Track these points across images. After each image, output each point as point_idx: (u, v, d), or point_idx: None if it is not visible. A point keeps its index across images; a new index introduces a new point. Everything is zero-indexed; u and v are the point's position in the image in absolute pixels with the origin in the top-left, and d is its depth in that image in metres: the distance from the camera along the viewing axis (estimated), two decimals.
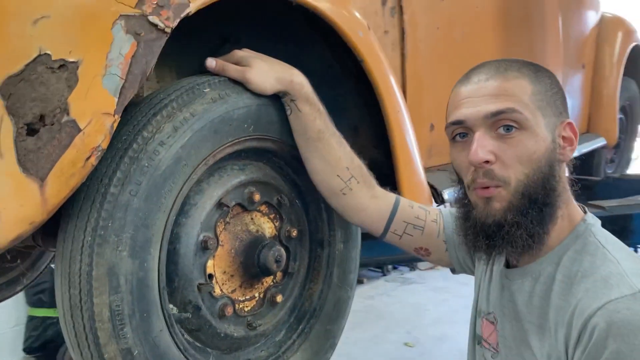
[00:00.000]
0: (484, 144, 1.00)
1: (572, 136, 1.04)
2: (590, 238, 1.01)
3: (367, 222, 1.31)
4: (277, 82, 1.18)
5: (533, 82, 1.02)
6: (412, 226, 1.30)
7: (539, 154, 1.00)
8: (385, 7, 1.72)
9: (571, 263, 1.00)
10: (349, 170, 1.26)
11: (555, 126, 1.02)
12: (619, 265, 0.94)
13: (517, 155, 0.99)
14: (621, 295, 0.89)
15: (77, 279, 0.97)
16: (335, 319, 1.45)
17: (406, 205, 1.31)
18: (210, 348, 1.21)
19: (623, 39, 3.31)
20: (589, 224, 1.04)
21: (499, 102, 1.00)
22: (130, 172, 0.99)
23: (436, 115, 1.91)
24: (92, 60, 0.91)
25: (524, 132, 0.99)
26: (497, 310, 1.13)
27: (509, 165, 1.00)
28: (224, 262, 1.21)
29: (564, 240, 1.02)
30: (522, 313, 1.06)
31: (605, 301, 0.90)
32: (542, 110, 1.01)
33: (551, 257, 1.02)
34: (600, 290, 0.92)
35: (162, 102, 1.05)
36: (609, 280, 0.93)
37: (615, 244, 1.02)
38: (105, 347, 0.99)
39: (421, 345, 4.13)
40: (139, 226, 1.00)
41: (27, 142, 0.90)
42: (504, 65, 1.04)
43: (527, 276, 1.05)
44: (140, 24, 0.94)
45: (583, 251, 1.00)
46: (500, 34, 2.26)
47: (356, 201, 1.28)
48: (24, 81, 0.90)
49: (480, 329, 1.18)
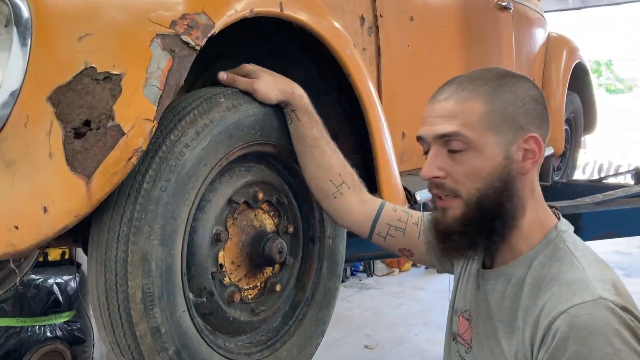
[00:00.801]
0: (434, 161, 1.09)
1: (535, 149, 1.07)
2: (561, 245, 1.07)
3: (354, 224, 1.41)
4: (280, 93, 1.33)
5: (487, 102, 1.06)
6: (394, 228, 1.38)
7: (488, 171, 1.06)
8: (364, 26, 1.89)
9: (541, 267, 1.05)
10: (341, 176, 1.38)
11: (513, 142, 1.06)
12: (584, 272, 1.00)
13: (465, 172, 1.06)
14: (583, 301, 0.94)
15: (113, 265, 1.09)
16: (326, 307, 1.59)
17: (390, 208, 1.40)
18: (219, 332, 1.34)
19: (568, 57, 3.50)
20: (561, 230, 1.09)
21: (447, 124, 1.06)
22: (161, 170, 1.11)
23: (407, 125, 2.08)
24: (134, 73, 1.03)
25: (471, 152, 1.06)
26: (472, 308, 1.19)
27: (458, 180, 1.07)
28: (233, 253, 1.34)
29: (536, 246, 1.08)
30: (494, 312, 1.11)
31: (569, 306, 0.95)
32: (494, 129, 1.05)
33: (523, 261, 1.08)
34: (564, 295, 0.97)
35: (185, 109, 1.18)
36: (573, 286, 0.98)
37: (584, 250, 1.07)
38: (137, 326, 1.10)
39: (381, 347, 4.24)
40: (167, 218, 1.13)
41: (75, 144, 1.01)
42: (464, 84, 1.09)
43: (500, 277, 1.11)
44: (175, 42, 1.07)
45: (553, 257, 1.05)
46: (462, 50, 2.45)
47: (345, 204, 1.39)
48: (71, 91, 1.02)
49: (456, 326, 1.23)
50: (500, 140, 1.06)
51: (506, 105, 1.06)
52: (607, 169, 8.23)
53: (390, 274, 5.97)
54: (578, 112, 4.06)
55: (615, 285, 0.99)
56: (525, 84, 1.10)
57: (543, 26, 3.50)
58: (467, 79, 1.10)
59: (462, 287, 1.25)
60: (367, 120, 1.60)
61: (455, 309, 1.26)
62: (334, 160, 1.39)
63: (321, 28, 1.41)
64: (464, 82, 1.09)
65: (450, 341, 1.25)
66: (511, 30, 2.89)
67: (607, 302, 0.94)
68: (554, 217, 1.13)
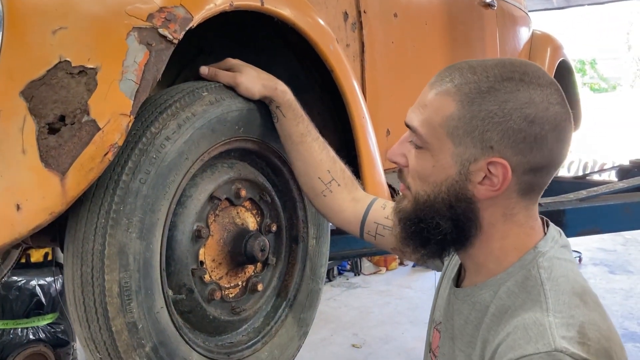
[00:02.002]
0: (402, 145, 1.02)
1: (499, 177, 0.92)
2: (533, 271, 0.94)
3: (345, 223, 1.36)
4: (263, 88, 1.31)
5: (462, 105, 0.92)
6: (382, 226, 1.31)
7: (436, 179, 0.96)
8: (347, 22, 1.87)
9: (507, 296, 0.94)
10: (330, 173, 1.34)
11: (474, 159, 0.92)
12: (546, 314, 0.87)
13: (415, 169, 0.99)
14: (535, 352, 0.83)
15: (90, 257, 1.07)
16: (308, 309, 1.57)
17: (379, 206, 1.33)
18: (199, 330, 1.31)
19: (552, 54, 3.51)
20: (539, 252, 0.95)
21: (417, 116, 0.98)
22: (140, 162, 1.10)
23: (391, 121, 2.06)
24: (109, 67, 1.01)
25: (426, 152, 0.97)
26: (443, 322, 1.11)
27: (412, 175, 1.00)
28: (214, 250, 1.32)
29: (508, 269, 0.96)
30: (456, 337, 1.04)
31: (520, 355, 0.84)
32: (456, 138, 0.93)
33: (491, 285, 0.97)
34: (518, 340, 0.86)
35: (167, 102, 1.16)
36: (529, 331, 0.86)
37: (559, 279, 0.92)
38: (113, 320, 1.08)
39: (368, 346, 4.26)
40: (147, 211, 1.11)
41: (49, 140, 0.99)
42: (456, 75, 0.95)
43: (467, 299, 1.02)
44: (152, 35, 1.05)
45: (522, 286, 0.93)
46: (446, 48, 2.45)
47: (335, 203, 1.34)
48: (45, 85, 0.99)
49: (431, 338, 1.16)
50: (460, 152, 0.93)
51: (482, 115, 0.91)
52: (591, 167, 8.30)
53: (378, 272, 5.98)
54: None
55: (584, 330, 0.86)
56: (528, 96, 0.90)
57: (527, 24, 3.52)
58: (468, 68, 0.95)
59: (441, 294, 1.16)
60: (351, 117, 1.58)
61: (433, 318, 1.18)
62: (322, 156, 1.35)
63: (303, 23, 1.39)
64: (459, 71, 0.95)
65: (428, 352, 1.19)
66: (495, 27, 2.90)
67: (563, 355, 0.82)
68: (538, 235, 0.98)
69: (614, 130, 11.57)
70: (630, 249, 6.49)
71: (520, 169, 0.92)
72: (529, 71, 0.93)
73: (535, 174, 0.94)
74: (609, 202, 2.48)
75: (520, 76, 0.91)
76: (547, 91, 0.92)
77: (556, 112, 0.91)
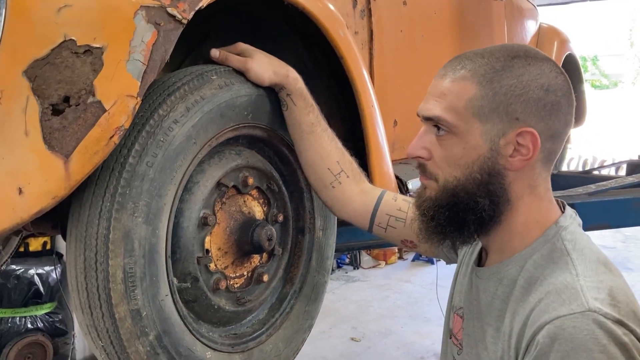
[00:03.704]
0: (422, 139, 1.03)
1: (529, 146, 0.97)
2: (558, 243, 0.98)
3: (353, 215, 1.35)
4: (274, 75, 1.27)
5: (481, 85, 0.97)
6: (394, 218, 1.31)
7: (468, 160, 0.98)
8: (356, 9, 1.84)
9: (534, 268, 0.97)
10: (339, 165, 1.33)
11: (503, 133, 0.97)
12: (577, 278, 0.91)
13: (445, 157, 1.00)
14: (570, 313, 0.86)
15: (94, 242, 1.04)
16: (314, 301, 1.54)
17: (390, 198, 1.33)
18: (203, 320, 1.29)
19: (558, 48, 3.48)
20: (561, 226, 1.00)
21: (432, 105, 1.01)
22: (148, 145, 1.06)
23: (399, 112, 2.03)
24: (116, 46, 0.98)
25: (453, 137, 0.99)
26: (465, 306, 1.12)
27: (438, 165, 1.02)
28: (220, 239, 1.29)
29: (532, 244, 0.99)
30: (484, 313, 1.05)
31: (554, 316, 0.87)
32: (482, 116, 0.97)
33: (516, 260, 1.00)
34: (551, 304, 0.89)
35: (175, 84, 1.13)
36: (562, 294, 0.90)
37: (584, 250, 0.97)
38: (117, 307, 1.05)
39: (367, 339, 4.25)
40: (153, 195, 1.07)
41: (53, 121, 0.95)
42: (466, 61, 1.00)
43: (493, 277, 1.04)
44: (160, 14, 1.02)
45: (548, 257, 0.97)
46: (454, 38, 2.41)
47: (344, 195, 1.33)
48: (49, 64, 0.95)
49: (452, 324, 1.17)
50: (488, 129, 0.97)
51: (504, 91, 0.96)
52: (591, 164, 8.27)
53: (377, 266, 5.97)
54: None
55: (613, 293, 0.89)
56: (538, 68, 0.97)
57: (535, 17, 3.48)
58: (475, 55, 1.00)
59: (459, 281, 1.18)
60: (360, 106, 1.55)
61: (452, 304, 1.19)
62: (331, 147, 1.33)
63: (313, 8, 1.35)
64: (468, 59, 1.00)
65: (447, 339, 1.19)
66: (504, 19, 2.86)
67: (597, 314, 0.85)
68: (557, 211, 1.03)
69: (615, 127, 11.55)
70: (630, 246, 6.48)
71: (543, 135, 0.97)
72: (529, 49, 1.01)
73: (554, 140, 0.99)
74: (618, 197, 2.44)
75: (525, 53, 0.99)
76: (550, 63, 1.00)
77: (563, 80, 0.99)
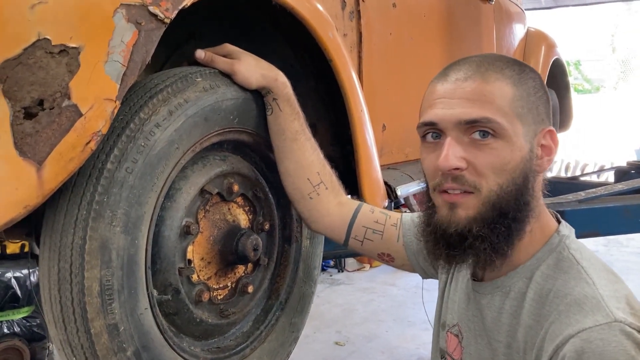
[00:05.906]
0: (455, 149, 0.93)
1: (552, 145, 0.97)
2: (565, 252, 0.95)
3: (329, 228, 1.31)
4: (262, 78, 1.23)
5: (515, 85, 0.94)
6: (371, 231, 1.28)
7: (514, 164, 0.93)
8: (345, 11, 1.79)
9: (544, 280, 0.94)
10: (320, 176, 1.29)
11: (535, 134, 0.95)
12: (595, 288, 0.88)
13: (491, 163, 0.92)
14: (596, 324, 0.83)
15: (69, 252, 0.98)
16: (300, 313, 1.50)
17: (367, 210, 1.30)
18: (184, 334, 1.24)
19: (546, 52, 3.47)
20: (563, 235, 0.97)
21: (475, 108, 0.92)
22: (127, 150, 1.01)
23: (387, 116, 1.99)
24: (93, 47, 0.92)
25: (500, 141, 0.92)
26: (462, 323, 1.07)
27: (481, 173, 0.93)
28: (203, 248, 1.24)
29: (537, 254, 0.96)
30: (490, 330, 1.00)
31: (579, 329, 0.84)
32: (522, 117, 0.93)
33: (523, 272, 0.97)
34: (573, 316, 0.86)
35: (157, 87, 1.08)
36: (583, 305, 0.86)
37: (591, 259, 0.95)
38: (92, 322, 0.99)
39: (351, 343, 4.21)
40: (132, 203, 1.02)
41: (25, 126, 0.90)
42: (486, 64, 0.95)
43: (497, 291, 0.99)
44: (141, 13, 0.96)
45: (557, 267, 0.94)
46: (443, 41, 2.38)
47: (321, 206, 1.29)
48: (21, 65, 0.90)
49: (444, 343, 1.12)
50: (527, 131, 0.94)
51: (530, 92, 0.95)
52: (573, 168, 8.32)
53: (361, 269, 5.93)
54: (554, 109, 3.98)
55: (630, 302, 0.87)
56: (532, 71, 0.99)
57: (523, 21, 3.48)
58: (487, 58, 0.96)
59: (449, 298, 1.13)
60: (349, 110, 1.51)
61: (442, 322, 1.14)
62: (313, 157, 1.29)
63: (302, 8, 1.31)
64: (486, 61, 0.95)
65: (439, 358, 1.14)
66: (492, 22, 2.85)
67: (623, 325, 0.82)
68: (552, 218, 1.01)
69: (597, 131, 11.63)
70: (612, 250, 6.50)
71: None
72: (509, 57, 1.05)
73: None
74: (608, 204, 2.42)
75: (515, 59, 1.01)
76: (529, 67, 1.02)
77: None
